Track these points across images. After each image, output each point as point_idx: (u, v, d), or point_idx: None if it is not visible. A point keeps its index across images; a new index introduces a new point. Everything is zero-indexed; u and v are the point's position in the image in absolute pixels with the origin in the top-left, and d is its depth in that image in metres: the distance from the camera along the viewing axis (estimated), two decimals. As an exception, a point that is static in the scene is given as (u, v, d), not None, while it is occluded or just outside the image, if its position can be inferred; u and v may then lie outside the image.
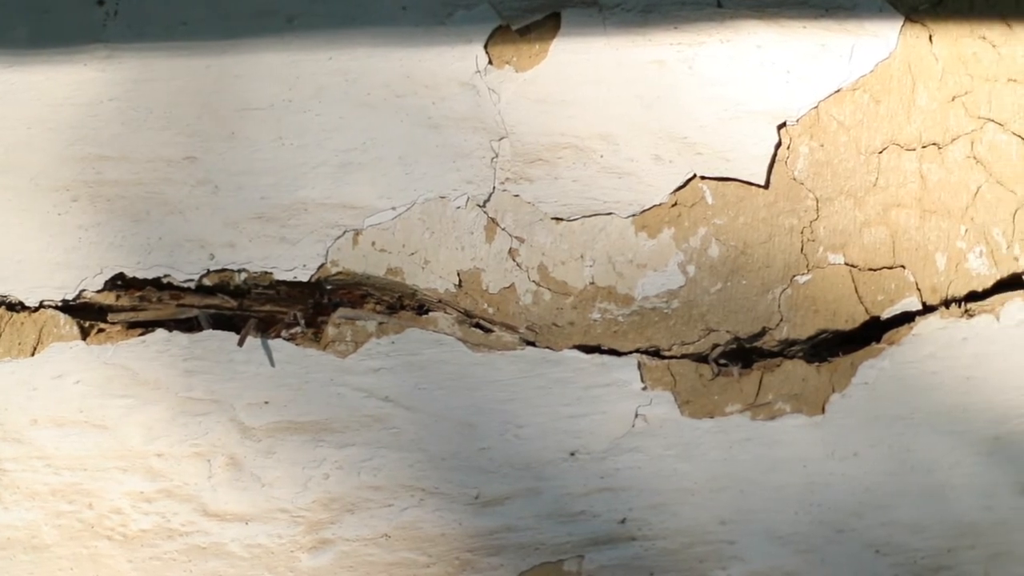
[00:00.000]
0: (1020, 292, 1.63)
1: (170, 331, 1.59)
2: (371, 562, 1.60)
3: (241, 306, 1.60)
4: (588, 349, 1.60)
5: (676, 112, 1.58)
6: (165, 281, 1.59)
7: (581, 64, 1.58)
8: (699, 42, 1.58)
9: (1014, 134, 1.64)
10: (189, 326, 1.61)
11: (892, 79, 1.61)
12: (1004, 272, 1.64)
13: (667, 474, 1.61)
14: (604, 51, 1.58)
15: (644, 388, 1.60)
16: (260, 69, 1.58)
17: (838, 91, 1.60)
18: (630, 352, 1.60)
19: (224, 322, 1.61)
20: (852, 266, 1.61)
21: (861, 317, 1.62)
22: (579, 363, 1.59)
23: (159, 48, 1.58)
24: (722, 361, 1.61)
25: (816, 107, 1.60)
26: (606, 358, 1.60)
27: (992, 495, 1.64)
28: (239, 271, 1.59)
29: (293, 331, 1.61)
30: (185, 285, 1.59)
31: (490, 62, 1.58)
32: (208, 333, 1.59)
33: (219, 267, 1.59)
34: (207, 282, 1.59)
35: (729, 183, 1.59)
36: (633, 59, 1.58)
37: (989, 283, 1.63)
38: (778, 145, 1.59)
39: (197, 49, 1.58)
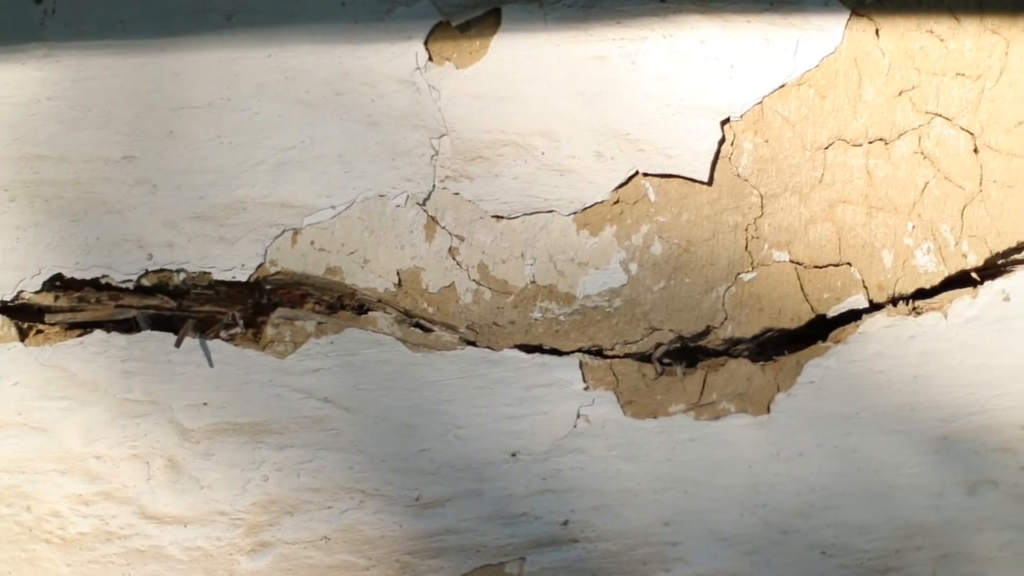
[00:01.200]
0: (968, 289, 1.61)
1: (108, 332, 1.57)
2: (310, 565, 1.59)
3: (180, 306, 1.59)
4: (529, 349, 1.58)
5: (618, 108, 1.56)
6: (103, 281, 1.57)
7: (522, 60, 1.56)
8: (641, 37, 1.56)
9: (962, 129, 1.61)
10: (127, 327, 1.59)
11: (838, 74, 1.59)
12: (952, 269, 1.62)
13: (610, 475, 1.59)
14: (545, 47, 1.56)
15: (586, 388, 1.58)
16: (199, 67, 1.56)
17: (783, 86, 1.58)
18: (572, 352, 1.58)
19: (163, 323, 1.60)
20: (797, 263, 1.59)
21: (807, 315, 1.59)
22: (520, 363, 1.57)
23: (97, 46, 1.57)
24: (665, 360, 1.59)
25: (760, 102, 1.58)
26: (547, 358, 1.58)
27: (940, 495, 1.62)
28: (178, 271, 1.57)
29: (232, 332, 1.60)
30: (123, 285, 1.57)
31: (430, 59, 1.56)
32: (146, 334, 1.57)
33: (158, 267, 1.57)
34: (146, 282, 1.58)
35: (672, 180, 1.57)
36: (574, 55, 1.56)
37: (937, 280, 1.61)
38: (722, 141, 1.57)
39: (135, 47, 1.56)
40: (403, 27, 1.56)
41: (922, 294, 1.61)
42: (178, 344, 1.56)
